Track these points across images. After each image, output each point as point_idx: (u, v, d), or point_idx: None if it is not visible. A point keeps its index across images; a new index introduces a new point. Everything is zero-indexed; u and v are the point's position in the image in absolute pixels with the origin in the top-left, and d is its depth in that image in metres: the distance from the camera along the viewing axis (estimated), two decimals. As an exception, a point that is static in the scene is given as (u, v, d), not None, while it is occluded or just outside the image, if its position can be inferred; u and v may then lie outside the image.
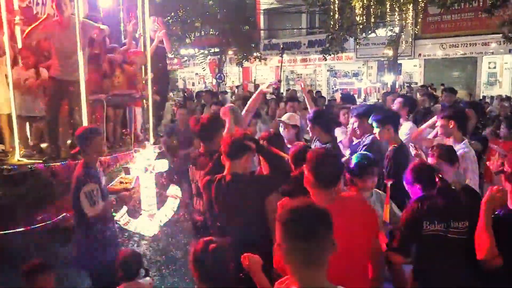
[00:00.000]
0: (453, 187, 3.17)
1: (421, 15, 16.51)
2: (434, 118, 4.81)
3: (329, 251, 1.69)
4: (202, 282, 2.39)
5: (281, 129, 5.07)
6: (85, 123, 5.34)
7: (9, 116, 5.68)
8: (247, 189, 3.13)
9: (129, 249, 3.52)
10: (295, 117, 5.21)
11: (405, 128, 5.12)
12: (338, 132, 5.40)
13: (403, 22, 16.38)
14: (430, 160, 3.47)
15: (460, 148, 4.07)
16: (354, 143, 4.88)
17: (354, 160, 3.52)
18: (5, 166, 5.35)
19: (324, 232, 1.69)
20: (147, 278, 3.59)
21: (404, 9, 15.41)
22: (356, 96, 20.77)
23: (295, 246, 1.68)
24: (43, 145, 5.91)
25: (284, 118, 5.19)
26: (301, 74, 26.62)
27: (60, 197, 5.20)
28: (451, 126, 4.26)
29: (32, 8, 6.51)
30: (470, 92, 17.69)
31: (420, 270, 3.05)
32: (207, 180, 3.31)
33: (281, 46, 21.74)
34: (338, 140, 5.04)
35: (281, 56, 21.21)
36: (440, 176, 3.06)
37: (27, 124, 6.01)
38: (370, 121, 4.41)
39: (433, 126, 4.78)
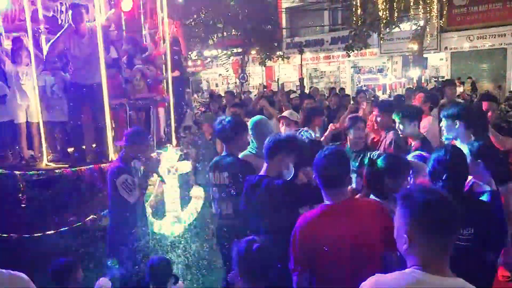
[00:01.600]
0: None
1: (446, 8, 16.11)
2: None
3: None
4: (248, 281, 2.39)
5: (282, 127, 5.06)
6: (108, 127, 5.46)
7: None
8: (270, 195, 3.06)
9: (158, 257, 3.53)
10: (294, 114, 5.25)
11: (424, 123, 5.00)
12: None
13: (428, 15, 16.05)
14: None
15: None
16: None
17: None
18: (34, 171, 5.51)
19: (459, 224, 1.75)
20: (179, 283, 3.61)
21: (428, 2, 15.10)
22: (381, 92, 20.55)
23: (432, 241, 1.66)
24: (70, 150, 6.06)
25: (285, 113, 5.22)
26: (325, 72, 26.43)
27: (87, 200, 5.33)
28: (456, 126, 3.74)
29: (57, 18, 6.70)
30: (499, 85, 17.18)
31: None
32: (245, 180, 3.34)
33: (301, 43, 21.72)
34: None
35: (300, 54, 21.18)
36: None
37: (56, 129, 6.17)
38: (394, 116, 4.31)
39: None
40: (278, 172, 3.16)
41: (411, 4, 15.01)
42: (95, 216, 5.39)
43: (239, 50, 24.51)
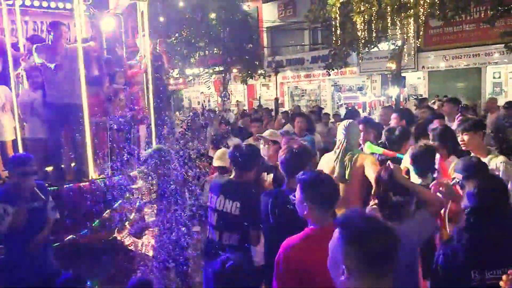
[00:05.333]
0: None
1: (422, 28, 16.57)
2: None
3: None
4: None
5: (261, 146, 5.03)
6: (88, 145, 5.43)
7: (14, 141, 5.77)
8: None
9: (138, 278, 3.44)
10: (276, 133, 5.20)
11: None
12: None
13: (405, 35, 16.46)
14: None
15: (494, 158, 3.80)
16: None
17: None
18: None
19: (397, 255, 1.58)
20: None
21: (405, 23, 15.50)
22: (361, 110, 20.86)
23: (371, 271, 1.53)
24: (49, 169, 5.98)
25: (265, 134, 5.19)
26: (306, 90, 26.73)
27: (66, 219, 5.25)
28: (478, 139, 3.92)
29: (38, 35, 6.65)
30: (474, 103, 17.62)
31: None
32: (264, 193, 3.38)
33: (281, 62, 22.06)
34: None
35: (275, 73, 21.58)
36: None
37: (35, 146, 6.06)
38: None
39: None
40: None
41: (389, 24, 15.37)
42: (74, 236, 5.30)
43: (221, 68, 24.68)
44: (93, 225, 5.23)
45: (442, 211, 3.16)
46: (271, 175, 4.37)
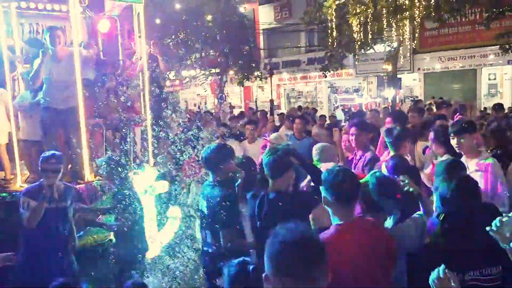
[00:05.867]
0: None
1: (418, 30, 16.66)
2: None
3: (322, 284, 1.57)
4: None
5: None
6: (84, 148, 5.41)
7: (8, 144, 5.75)
8: (290, 206, 3.11)
9: (132, 282, 3.40)
10: (282, 137, 5.17)
11: None
12: None
13: (401, 37, 16.53)
14: None
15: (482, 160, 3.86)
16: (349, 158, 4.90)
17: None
18: (6, 193, 5.38)
19: (320, 266, 1.57)
20: None
21: (401, 24, 15.56)
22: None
23: (285, 283, 1.53)
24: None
25: (271, 138, 5.15)
26: (302, 92, 26.78)
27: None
28: (475, 141, 4.00)
29: (37, 38, 6.63)
30: (471, 104, 17.70)
31: None
32: (251, 195, 3.37)
33: (268, 66, 22.12)
34: None
35: (270, 74, 21.57)
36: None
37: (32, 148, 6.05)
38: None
39: None
40: (286, 185, 3.24)
41: (385, 26, 15.43)
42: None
43: (217, 70, 24.69)
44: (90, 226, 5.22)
45: None
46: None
